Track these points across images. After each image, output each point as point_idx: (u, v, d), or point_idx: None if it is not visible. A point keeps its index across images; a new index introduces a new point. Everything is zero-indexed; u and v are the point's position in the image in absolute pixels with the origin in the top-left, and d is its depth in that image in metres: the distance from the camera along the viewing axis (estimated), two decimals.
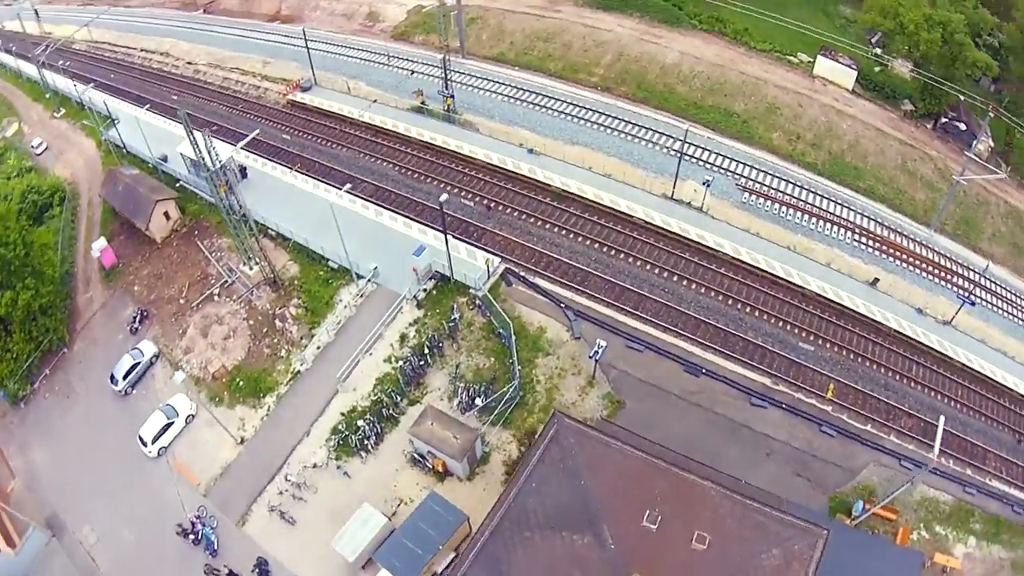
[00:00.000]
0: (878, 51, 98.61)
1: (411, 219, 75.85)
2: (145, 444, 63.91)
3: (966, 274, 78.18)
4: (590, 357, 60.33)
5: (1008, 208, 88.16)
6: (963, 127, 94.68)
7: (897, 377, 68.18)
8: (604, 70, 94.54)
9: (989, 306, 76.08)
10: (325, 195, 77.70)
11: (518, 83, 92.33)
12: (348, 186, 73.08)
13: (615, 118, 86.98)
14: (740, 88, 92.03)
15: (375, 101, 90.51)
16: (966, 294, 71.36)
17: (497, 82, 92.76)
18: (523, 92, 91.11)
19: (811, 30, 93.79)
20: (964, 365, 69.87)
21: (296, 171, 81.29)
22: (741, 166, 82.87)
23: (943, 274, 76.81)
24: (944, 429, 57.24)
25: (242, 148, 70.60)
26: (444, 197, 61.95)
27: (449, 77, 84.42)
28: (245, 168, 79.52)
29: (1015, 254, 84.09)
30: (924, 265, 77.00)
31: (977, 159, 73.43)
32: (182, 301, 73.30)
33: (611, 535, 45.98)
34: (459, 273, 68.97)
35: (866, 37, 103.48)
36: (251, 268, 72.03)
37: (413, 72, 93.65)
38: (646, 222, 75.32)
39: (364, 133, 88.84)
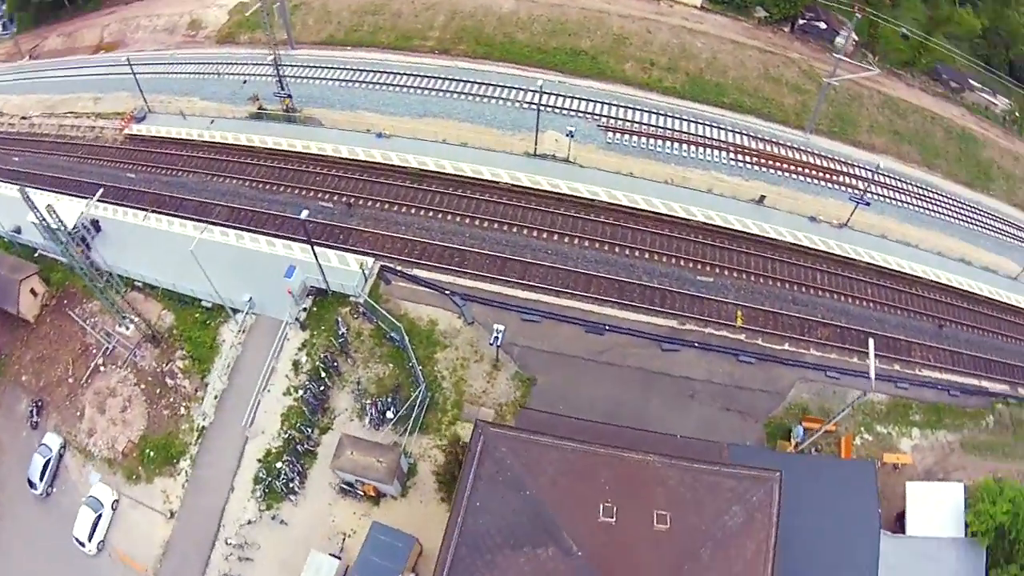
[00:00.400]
0: None
1: (274, 236, 69.13)
2: (83, 544, 59.17)
3: (854, 172, 75.99)
4: (491, 344, 56.84)
5: (883, 98, 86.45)
6: (823, 25, 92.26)
7: (803, 289, 65.66)
8: (439, 32, 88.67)
9: (882, 199, 73.99)
10: (182, 231, 69.94)
11: (353, 64, 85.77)
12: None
13: (459, 81, 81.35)
14: (583, 24, 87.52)
15: (213, 121, 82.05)
16: (859, 195, 68.00)
17: (331, 67, 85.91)
18: (360, 72, 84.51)
19: None
20: (869, 264, 67.31)
21: (149, 212, 73.12)
22: (599, 105, 78.58)
23: (829, 176, 74.37)
24: (867, 332, 57.87)
25: (89, 200, 64.51)
26: (305, 213, 55.87)
27: (282, 74, 76.90)
28: (97, 221, 71.29)
29: (897, 141, 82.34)
30: (808, 171, 74.53)
31: (843, 57, 70.67)
32: (71, 380, 66.83)
33: (573, 540, 42.35)
34: (335, 283, 63.44)
35: None
36: (127, 328, 66.03)
37: (246, 81, 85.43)
38: (514, 185, 70.27)
39: (208, 153, 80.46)
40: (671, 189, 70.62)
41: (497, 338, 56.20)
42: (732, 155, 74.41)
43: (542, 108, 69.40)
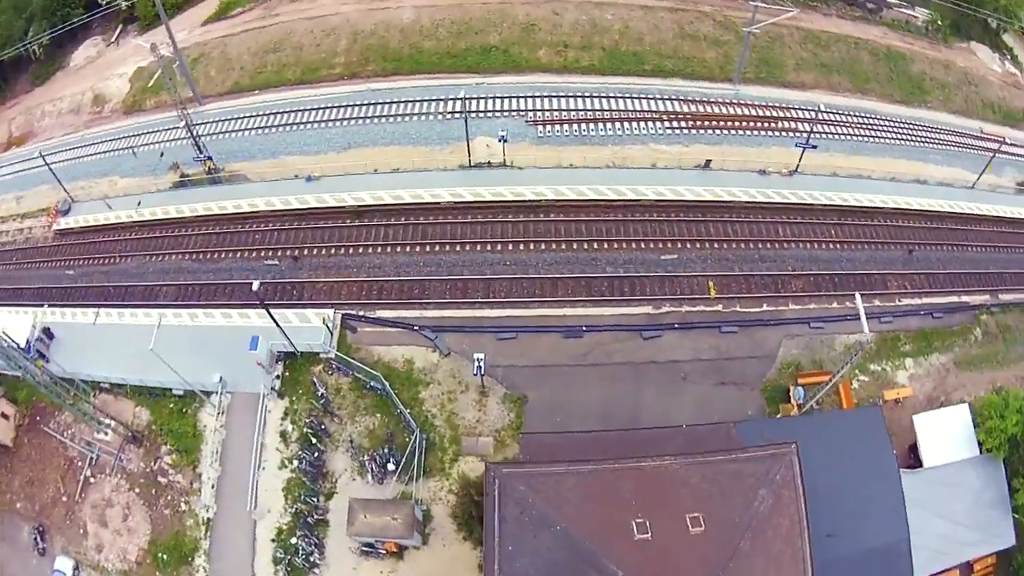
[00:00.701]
0: None
1: (228, 307, 65.92)
2: None
3: (792, 115, 75.09)
4: (474, 375, 55.76)
5: (803, 33, 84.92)
6: None
7: (768, 245, 65.10)
8: (344, 57, 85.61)
9: (825, 135, 73.01)
10: (134, 321, 66.63)
11: (265, 108, 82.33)
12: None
13: (376, 104, 78.58)
14: (488, 20, 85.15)
15: (140, 202, 78.25)
16: (804, 139, 66.52)
17: (244, 116, 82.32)
18: (274, 116, 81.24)
19: None
20: (827, 205, 66.57)
21: (99, 309, 69.66)
22: (522, 100, 76.43)
23: (769, 125, 73.37)
24: (840, 275, 59.21)
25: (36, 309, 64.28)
26: (256, 285, 52.37)
27: (197, 136, 73.64)
28: (48, 328, 67.60)
29: (826, 74, 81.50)
30: (746, 124, 73.46)
31: (759, 3, 68.30)
32: (65, 499, 63.94)
33: (616, 564, 41.71)
34: (301, 343, 60.88)
35: None
36: (106, 434, 63.35)
37: (163, 154, 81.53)
38: (456, 202, 68.22)
39: (142, 234, 76.51)
40: (614, 172, 69.08)
41: (480, 367, 54.65)
42: (667, 124, 73.06)
43: (467, 115, 66.98)
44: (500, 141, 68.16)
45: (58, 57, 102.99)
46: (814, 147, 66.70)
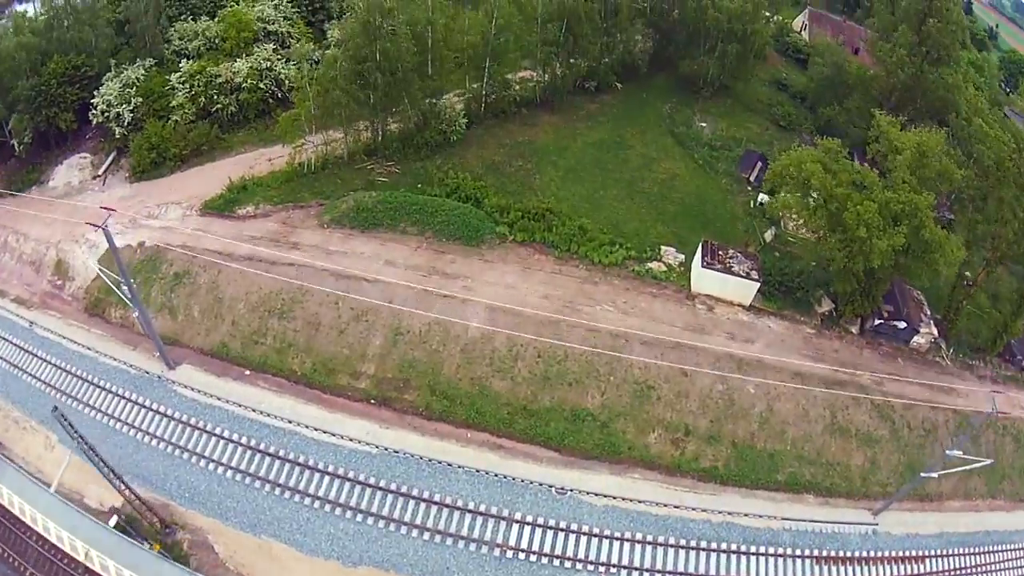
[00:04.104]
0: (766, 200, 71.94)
1: None
2: None
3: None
4: None
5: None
6: (902, 325, 66.72)
7: None
8: (376, 364, 61.45)
9: None
10: None
11: (254, 423, 58.58)
12: None
13: (408, 496, 55.51)
14: (590, 366, 61.16)
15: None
16: None
17: (224, 424, 58.52)
18: (263, 459, 56.94)
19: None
20: None
21: None
22: (608, 544, 54.50)
23: None
24: None
25: None
26: None
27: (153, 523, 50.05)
28: None
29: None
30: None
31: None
32: None
33: None
34: None
35: (741, 174, 74.62)
36: None
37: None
38: None
39: None
40: None
41: None
42: None
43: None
44: None
45: (41, 163, 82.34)
46: None
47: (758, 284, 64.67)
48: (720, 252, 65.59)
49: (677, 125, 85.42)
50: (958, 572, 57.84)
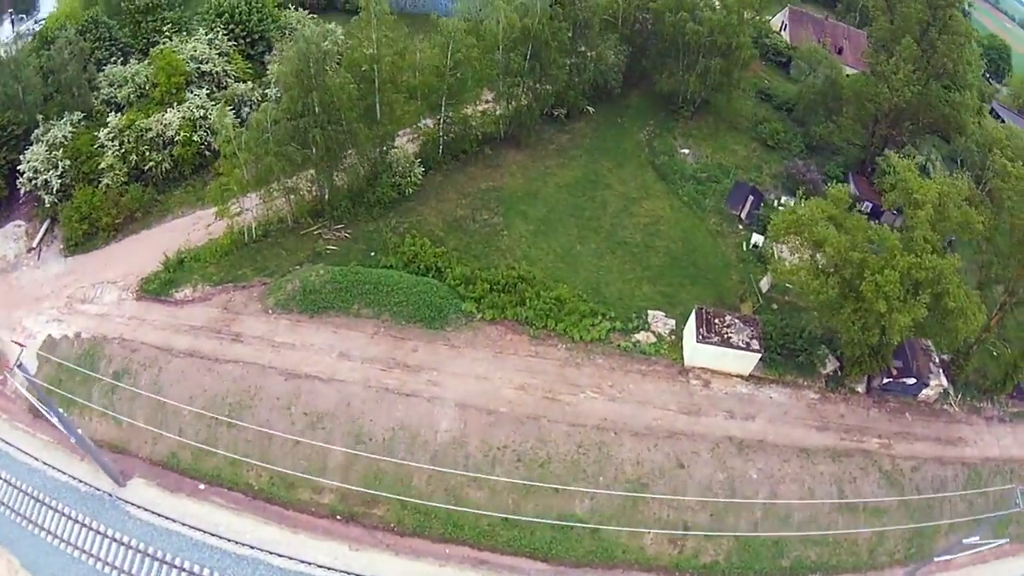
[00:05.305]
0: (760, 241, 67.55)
1: None
2: None
3: None
4: None
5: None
6: (911, 381, 60.85)
7: None
8: (339, 476, 55.16)
9: None
10: None
11: (213, 551, 51.82)
12: None
13: None
14: (575, 464, 55.13)
15: None
16: None
17: (180, 556, 51.69)
18: None
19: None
20: None
21: None
22: None
23: None
24: None
25: None
26: None
27: None
28: None
29: None
30: None
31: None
32: None
33: None
34: None
35: (731, 210, 68.57)
36: None
37: None
38: None
39: None
40: None
41: None
42: None
43: None
44: None
45: None
46: None
47: (759, 355, 58.34)
48: (716, 321, 59.22)
49: (658, 155, 78.42)
50: None
